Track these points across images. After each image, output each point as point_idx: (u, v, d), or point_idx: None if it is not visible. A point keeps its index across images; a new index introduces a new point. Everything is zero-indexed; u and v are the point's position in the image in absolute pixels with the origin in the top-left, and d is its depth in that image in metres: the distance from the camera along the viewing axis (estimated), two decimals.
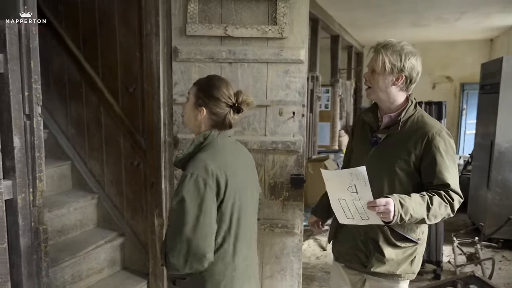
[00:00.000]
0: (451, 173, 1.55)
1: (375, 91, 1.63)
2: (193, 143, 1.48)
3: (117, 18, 2.59)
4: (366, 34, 7.79)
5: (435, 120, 1.64)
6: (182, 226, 1.33)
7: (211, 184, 1.36)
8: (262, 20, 2.23)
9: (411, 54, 1.58)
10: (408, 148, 1.58)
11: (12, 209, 1.50)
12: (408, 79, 1.59)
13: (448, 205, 1.53)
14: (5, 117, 1.46)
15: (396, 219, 1.45)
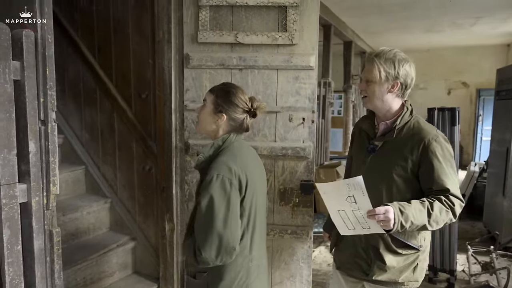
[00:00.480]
0: (450, 178, 1.55)
1: (371, 100, 1.64)
2: (212, 146, 1.58)
3: (131, 26, 2.64)
4: (379, 40, 7.76)
5: (431, 125, 1.64)
6: (213, 223, 1.45)
7: (235, 183, 1.49)
8: (272, 27, 2.26)
9: (404, 61, 1.61)
10: (405, 155, 1.58)
11: (26, 212, 1.54)
12: (403, 86, 1.62)
13: (449, 210, 1.53)
14: (21, 123, 1.50)
15: (396, 227, 1.45)
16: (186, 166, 2.41)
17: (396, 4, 4.96)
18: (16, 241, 1.49)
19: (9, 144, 1.45)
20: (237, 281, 1.57)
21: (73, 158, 3.03)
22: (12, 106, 1.45)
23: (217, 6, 2.26)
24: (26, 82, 1.49)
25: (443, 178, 1.53)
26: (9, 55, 1.43)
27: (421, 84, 9.25)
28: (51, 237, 1.62)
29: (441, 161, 1.53)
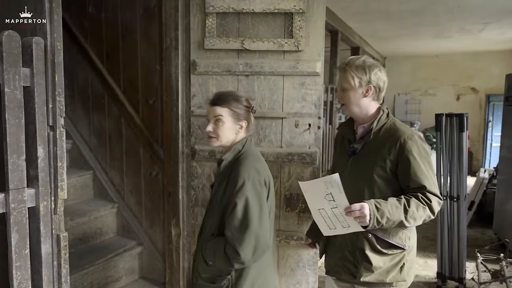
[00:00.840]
0: (427, 175, 1.60)
1: (348, 107, 1.73)
2: (233, 151, 1.64)
3: (139, 33, 2.68)
4: (388, 45, 7.74)
5: (406, 126, 1.71)
6: (250, 223, 1.50)
7: (263, 184, 1.59)
8: (278, 34, 2.27)
9: (374, 66, 1.68)
10: (383, 155, 1.64)
11: (34, 217, 1.56)
12: (377, 89, 1.69)
13: (426, 207, 1.57)
14: (30, 128, 1.53)
15: (372, 222, 1.51)
16: (193, 171, 2.42)
17: (405, 10, 4.95)
18: (24, 245, 1.51)
19: (18, 149, 1.47)
20: (260, 279, 1.63)
21: (81, 163, 3.06)
22: (21, 112, 1.48)
23: (223, 13, 2.28)
24: (35, 88, 1.52)
25: (419, 175, 1.59)
26: (19, 62, 1.45)
27: (430, 90, 9.20)
28: (59, 241, 1.63)
29: (416, 158, 1.59)
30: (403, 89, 9.40)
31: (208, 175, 2.41)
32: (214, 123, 1.64)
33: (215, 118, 1.64)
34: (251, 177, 1.54)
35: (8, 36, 1.42)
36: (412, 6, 4.74)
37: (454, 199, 3.29)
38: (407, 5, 4.71)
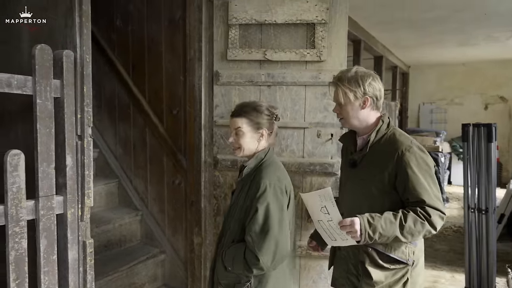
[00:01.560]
0: (426, 188, 1.53)
1: (347, 121, 1.68)
2: (256, 158, 1.69)
3: (163, 45, 2.74)
4: (412, 54, 7.63)
5: (406, 136, 1.63)
6: (270, 229, 1.53)
7: (284, 192, 1.62)
8: (300, 44, 2.28)
9: (366, 76, 1.62)
10: (382, 167, 1.59)
11: (62, 223, 1.61)
12: (374, 99, 1.64)
13: (425, 222, 1.51)
14: (60, 138, 1.58)
15: (364, 237, 1.49)
16: (215, 180, 2.44)
17: (429, 18, 4.88)
18: (52, 251, 1.56)
19: (48, 158, 1.53)
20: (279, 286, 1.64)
21: (107, 171, 3.14)
22: (52, 122, 1.53)
23: (246, 24, 2.31)
24: (65, 99, 1.58)
25: (417, 189, 1.52)
26: (50, 74, 1.52)
27: (456, 99, 8.98)
28: (85, 248, 1.68)
29: (415, 171, 1.53)
30: (428, 98, 9.22)
31: (230, 185, 2.43)
32: (235, 134, 1.71)
33: (235, 129, 1.71)
34: (272, 184, 1.58)
35: (40, 49, 1.48)
36: (437, 14, 4.68)
37: (483, 211, 3.18)
38: (431, 13, 4.65)
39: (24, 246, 1.46)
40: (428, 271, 3.84)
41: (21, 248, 1.45)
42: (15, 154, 1.41)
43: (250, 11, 2.29)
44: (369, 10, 4.50)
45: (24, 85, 1.45)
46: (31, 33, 1.74)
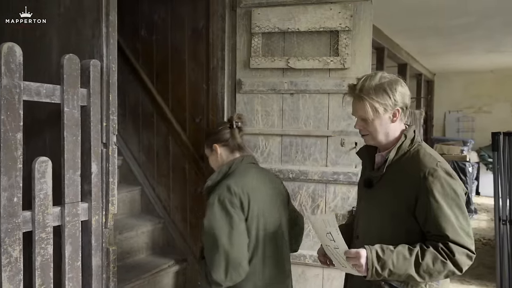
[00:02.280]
0: (451, 221, 1.28)
1: (375, 137, 1.42)
2: (220, 172, 1.67)
3: (187, 54, 2.78)
4: (437, 62, 7.47)
5: (432, 156, 1.36)
6: (218, 242, 1.50)
7: (235, 202, 1.54)
8: (323, 52, 2.26)
9: (394, 82, 1.37)
10: (400, 191, 1.36)
11: (87, 230, 1.63)
12: (404, 108, 1.39)
13: (447, 261, 1.26)
14: (86, 145, 1.61)
15: (371, 273, 1.27)
16: None
17: (455, 25, 4.77)
18: (77, 257, 1.58)
19: (74, 165, 1.56)
20: None
21: (131, 179, 3.18)
22: (78, 130, 1.56)
23: (269, 33, 2.31)
24: (91, 107, 1.61)
25: (440, 221, 1.28)
26: (78, 83, 1.55)
27: (484, 107, 8.72)
28: (108, 254, 1.69)
29: (439, 200, 1.28)
30: (455, 106, 8.99)
31: None
32: (209, 159, 1.81)
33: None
34: (221, 198, 1.55)
35: (69, 59, 1.52)
36: (463, 21, 4.57)
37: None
38: (458, 20, 4.54)
39: (50, 252, 1.48)
40: (455, 285, 3.70)
41: (47, 254, 1.47)
42: (43, 161, 1.44)
43: (273, 19, 2.29)
44: (393, 17, 4.44)
45: (52, 93, 1.49)
46: (60, 43, 1.79)
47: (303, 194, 2.33)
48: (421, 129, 8.23)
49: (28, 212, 1.43)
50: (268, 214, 1.63)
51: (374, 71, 1.40)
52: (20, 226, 1.39)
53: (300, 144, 2.32)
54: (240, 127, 1.75)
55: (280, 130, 2.34)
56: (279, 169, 2.34)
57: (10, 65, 1.34)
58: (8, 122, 1.34)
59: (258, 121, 2.38)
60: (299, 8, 2.25)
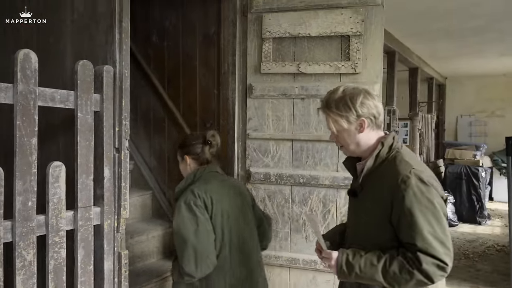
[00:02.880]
0: (421, 230, 1.25)
1: (347, 148, 1.45)
2: (186, 180, 1.88)
3: (198, 59, 2.79)
4: (449, 65, 7.40)
5: (409, 162, 1.34)
6: (187, 239, 1.71)
7: (199, 203, 1.76)
8: (334, 57, 2.26)
9: (355, 94, 1.37)
10: (378, 200, 1.36)
11: (99, 234, 1.64)
12: (371, 118, 1.38)
13: (414, 270, 1.24)
14: (99, 150, 1.63)
15: (339, 275, 1.36)
16: None
17: (467, 28, 4.73)
18: (89, 261, 1.59)
19: (87, 169, 1.57)
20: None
21: (142, 183, 3.19)
22: (91, 135, 1.58)
23: (280, 38, 2.32)
24: (104, 113, 1.63)
25: (410, 230, 1.27)
26: (91, 89, 1.57)
27: (497, 111, 8.60)
28: (120, 259, 1.70)
29: (410, 208, 1.26)
30: (467, 110, 8.88)
31: (262, 198, 2.41)
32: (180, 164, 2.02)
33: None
34: (187, 201, 1.76)
35: (82, 65, 1.54)
36: (475, 24, 4.53)
37: None
38: (470, 23, 4.50)
39: (63, 255, 1.50)
40: None
41: (60, 257, 1.49)
42: (56, 165, 1.46)
43: (284, 24, 2.29)
44: (404, 21, 4.42)
45: (66, 99, 1.51)
46: (74, 49, 1.82)
47: (314, 199, 2.32)
48: (433, 134, 8.15)
49: (42, 216, 1.45)
50: (232, 213, 1.84)
51: (339, 85, 1.43)
52: (34, 230, 1.41)
53: (311, 149, 2.32)
54: (211, 144, 1.95)
55: (291, 135, 2.34)
56: (289, 174, 2.34)
57: (26, 71, 1.37)
58: (23, 127, 1.36)
59: (269, 126, 2.38)
60: (310, 13, 2.25)
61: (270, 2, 2.32)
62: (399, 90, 6.02)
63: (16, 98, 1.35)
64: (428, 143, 7.72)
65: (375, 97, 1.41)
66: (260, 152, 2.41)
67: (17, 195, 1.35)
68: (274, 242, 2.42)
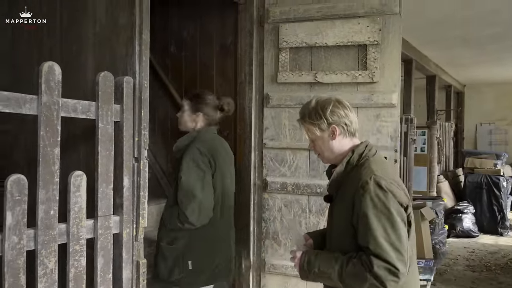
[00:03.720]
0: (375, 235, 1.28)
1: (322, 155, 1.53)
2: (188, 136, 2.04)
3: (215, 69, 2.82)
4: (467, 73, 7.29)
5: (372, 168, 1.37)
6: (196, 195, 1.89)
7: (206, 161, 1.95)
8: (351, 66, 2.25)
9: (326, 103, 1.46)
10: (344, 205, 1.41)
11: (118, 243, 1.66)
12: (343, 126, 1.45)
13: (366, 273, 1.27)
14: (118, 160, 1.65)
15: (301, 272, 1.44)
16: (264, 203, 2.42)
17: (485, 36, 4.67)
18: (108, 270, 1.60)
19: (107, 179, 1.60)
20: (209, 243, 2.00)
21: (159, 192, 3.22)
22: (111, 145, 1.61)
23: (296, 47, 2.33)
24: (124, 123, 1.65)
25: (365, 234, 1.30)
26: (111, 99, 1.60)
27: None
28: (138, 267, 1.71)
29: (366, 213, 1.30)
30: (486, 118, 8.71)
31: (279, 207, 2.40)
32: (181, 113, 2.14)
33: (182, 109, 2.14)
34: (195, 158, 1.94)
35: (103, 76, 1.57)
36: (493, 31, 4.46)
37: None
38: (488, 30, 4.44)
39: (83, 264, 1.52)
40: None
41: (80, 266, 1.51)
42: (78, 175, 1.49)
43: (301, 34, 2.30)
44: (421, 29, 4.38)
45: (88, 110, 1.54)
46: (95, 60, 1.86)
47: None
48: (451, 142, 8.01)
49: (63, 225, 1.47)
50: (225, 176, 2.06)
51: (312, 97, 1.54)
52: (56, 238, 1.43)
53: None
54: (224, 110, 2.12)
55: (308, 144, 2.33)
56: (306, 183, 2.32)
57: (50, 83, 1.40)
58: (47, 137, 1.40)
59: (286, 135, 2.38)
60: (327, 23, 2.26)
61: (287, 12, 2.33)
62: (417, 98, 5.95)
63: (40, 109, 1.38)
64: (446, 152, 7.59)
65: (347, 106, 1.48)
66: (277, 161, 2.41)
67: (40, 204, 1.38)
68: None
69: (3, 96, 1.31)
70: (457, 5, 3.66)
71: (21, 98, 1.35)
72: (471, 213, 6.03)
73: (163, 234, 2.07)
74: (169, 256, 2.00)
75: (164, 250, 2.02)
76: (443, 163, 7.41)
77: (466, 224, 5.87)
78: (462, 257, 5.00)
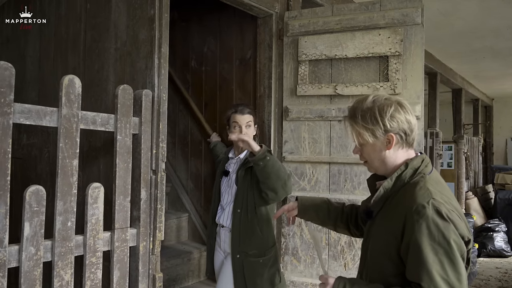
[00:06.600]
0: (430, 270, 1.07)
1: (370, 164, 1.29)
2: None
3: (234, 83, 2.83)
4: (495, 86, 7.08)
5: (431, 190, 1.14)
6: (284, 174, 1.92)
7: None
8: (372, 77, 2.20)
9: (386, 105, 1.20)
10: (390, 227, 1.19)
11: (134, 256, 1.65)
12: (401, 134, 1.21)
13: None
14: (136, 172, 1.65)
15: None
16: (283, 218, 2.37)
17: None
18: (124, 283, 1.59)
19: (125, 191, 1.60)
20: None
21: (179, 205, 3.22)
22: (129, 157, 1.61)
23: (316, 60, 2.30)
24: (142, 135, 1.66)
25: (417, 268, 1.09)
26: (130, 112, 1.61)
27: None
28: (154, 281, 1.69)
29: (420, 243, 1.08)
30: None
31: (299, 222, 2.34)
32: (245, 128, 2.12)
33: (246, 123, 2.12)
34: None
35: (123, 89, 1.59)
36: None
37: None
38: None
39: (99, 276, 1.51)
40: None
41: (96, 278, 1.50)
42: (95, 187, 1.49)
43: (320, 47, 2.28)
44: (445, 41, 4.29)
45: (107, 122, 1.55)
46: (116, 74, 1.89)
47: None
48: (480, 157, 7.73)
49: (80, 237, 1.47)
50: None
51: (369, 93, 1.29)
52: (73, 250, 1.43)
53: (349, 172, 2.25)
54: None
55: (328, 158, 2.28)
56: None
57: (70, 95, 1.43)
58: (65, 149, 1.41)
59: (305, 149, 2.34)
60: (347, 35, 2.23)
61: (306, 25, 2.32)
62: (442, 112, 5.80)
63: (60, 122, 1.40)
64: (475, 167, 7.32)
65: (409, 111, 1.22)
66: (297, 175, 2.37)
67: (58, 215, 1.39)
68: (311, 269, 2.34)
69: (25, 108, 1.33)
70: (484, 15, 3.56)
71: (42, 110, 1.37)
72: (503, 232, 5.75)
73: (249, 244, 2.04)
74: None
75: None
76: (472, 179, 7.14)
77: (498, 243, 5.60)
78: (494, 277, 4.75)
